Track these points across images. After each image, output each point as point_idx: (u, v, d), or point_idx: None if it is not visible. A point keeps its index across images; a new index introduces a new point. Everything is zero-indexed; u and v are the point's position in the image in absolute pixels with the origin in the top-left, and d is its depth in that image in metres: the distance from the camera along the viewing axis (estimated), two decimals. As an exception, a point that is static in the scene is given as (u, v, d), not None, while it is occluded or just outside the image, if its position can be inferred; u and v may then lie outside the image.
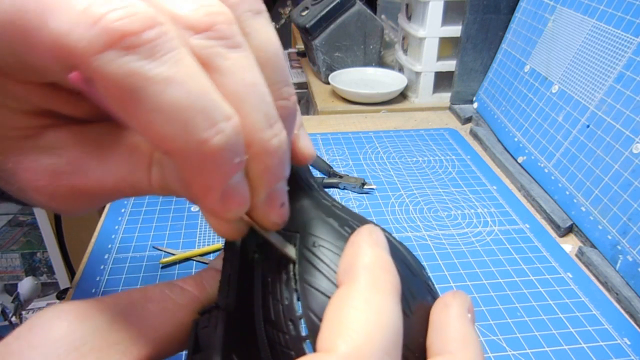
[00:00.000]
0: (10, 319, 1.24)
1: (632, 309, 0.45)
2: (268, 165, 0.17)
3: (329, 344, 0.14)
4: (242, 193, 0.17)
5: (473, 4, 0.79)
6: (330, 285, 0.17)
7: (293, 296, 0.17)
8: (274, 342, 0.17)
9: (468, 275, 0.50)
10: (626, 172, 0.50)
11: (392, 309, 0.16)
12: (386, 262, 0.17)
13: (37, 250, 1.51)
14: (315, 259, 0.18)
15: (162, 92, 0.14)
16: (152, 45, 0.14)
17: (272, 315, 0.18)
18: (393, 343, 0.15)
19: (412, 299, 0.18)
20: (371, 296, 0.15)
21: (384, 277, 0.16)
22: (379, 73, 0.99)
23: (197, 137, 0.15)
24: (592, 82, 0.58)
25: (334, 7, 0.95)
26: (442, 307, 0.19)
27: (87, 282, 0.49)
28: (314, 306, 0.17)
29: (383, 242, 0.17)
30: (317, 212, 0.20)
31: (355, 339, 0.14)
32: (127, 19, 0.14)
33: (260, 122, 0.17)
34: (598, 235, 0.52)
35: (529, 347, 0.42)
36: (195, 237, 0.56)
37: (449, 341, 0.18)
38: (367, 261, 0.16)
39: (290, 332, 0.17)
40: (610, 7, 0.58)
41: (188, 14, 0.16)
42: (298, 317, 0.17)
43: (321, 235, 0.19)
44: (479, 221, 0.59)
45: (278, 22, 1.85)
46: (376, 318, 0.15)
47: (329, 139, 0.78)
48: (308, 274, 0.17)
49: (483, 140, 0.76)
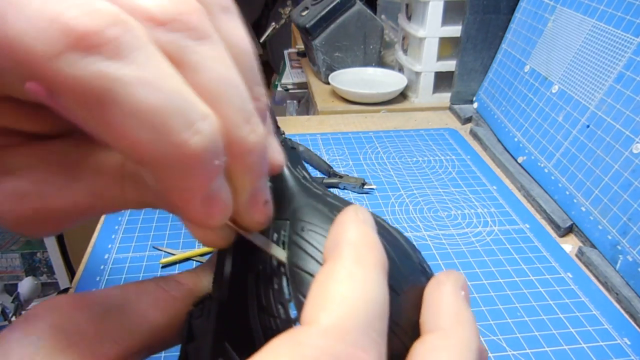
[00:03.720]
0: (10, 319, 1.24)
1: (632, 309, 0.45)
2: (249, 164, 0.16)
3: (310, 318, 0.14)
4: (225, 197, 0.16)
5: (473, 4, 0.79)
6: (318, 266, 0.17)
7: (282, 281, 0.17)
8: (266, 327, 0.17)
9: (468, 275, 0.50)
10: (626, 172, 0.50)
11: (377, 283, 0.15)
12: (371, 238, 0.16)
13: (37, 250, 1.51)
14: (304, 242, 0.18)
15: (133, 95, 0.13)
16: (117, 43, 0.13)
17: (264, 301, 0.18)
18: (378, 317, 0.15)
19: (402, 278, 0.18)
20: (355, 270, 0.15)
21: (369, 252, 0.16)
22: (379, 73, 0.99)
23: (174, 139, 0.14)
24: (592, 82, 0.58)
25: (334, 7, 0.95)
26: (436, 285, 0.19)
27: (87, 282, 0.49)
28: (302, 288, 0.17)
29: (369, 220, 0.17)
30: (307, 200, 0.20)
31: (337, 311, 0.14)
32: (86, 16, 0.13)
33: (238, 118, 0.16)
34: (598, 235, 0.52)
35: (529, 347, 0.42)
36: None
37: (441, 318, 0.17)
38: (351, 237, 0.16)
39: (281, 315, 0.17)
40: (610, 7, 0.58)
41: (150, 5, 0.15)
42: (287, 300, 0.17)
43: (310, 220, 0.19)
44: (479, 221, 0.59)
45: (278, 22, 1.85)
46: (360, 291, 0.15)
47: (329, 139, 0.78)
48: (297, 257, 0.18)
49: (483, 140, 0.76)
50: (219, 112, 0.15)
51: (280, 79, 1.34)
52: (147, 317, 0.19)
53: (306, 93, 1.24)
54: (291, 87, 1.30)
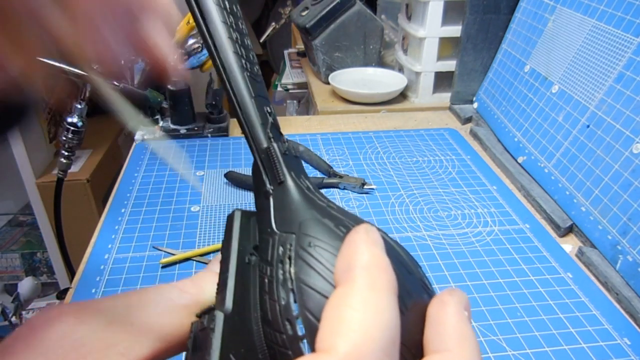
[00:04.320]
0: (10, 319, 1.24)
1: (632, 309, 0.45)
2: None
3: (328, 344, 0.14)
4: None
5: (473, 4, 0.79)
6: (326, 284, 0.17)
7: (290, 296, 0.17)
8: (271, 342, 0.17)
9: (468, 275, 0.50)
10: (626, 172, 0.50)
11: (390, 308, 0.16)
12: (383, 262, 0.17)
13: (37, 250, 1.51)
14: (311, 258, 0.18)
15: None
16: None
17: (269, 315, 0.18)
18: (391, 342, 0.15)
19: (407, 296, 0.18)
20: (369, 296, 0.15)
21: (382, 276, 0.16)
22: (379, 73, 0.99)
23: None
24: (592, 82, 0.58)
25: (334, 7, 0.95)
26: (440, 304, 0.19)
27: (87, 282, 0.49)
28: (310, 306, 0.17)
29: (379, 242, 0.17)
30: (312, 213, 0.20)
31: (354, 338, 0.14)
32: None
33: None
34: (598, 235, 0.52)
35: (529, 347, 0.42)
36: (195, 237, 0.56)
37: (446, 338, 0.18)
38: (364, 261, 0.16)
39: (287, 331, 0.17)
40: (610, 7, 0.58)
41: None
42: (295, 317, 0.17)
43: (317, 236, 0.19)
44: (479, 221, 0.59)
45: (278, 22, 1.85)
46: (374, 317, 0.15)
47: (329, 139, 0.78)
48: (304, 273, 0.18)
49: (483, 140, 0.76)
50: None
51: (280, 79, 1.34)
52: (152, 326, 0.20)
53: (306, 93, 1.24)
54: (291, 87, 1.30)
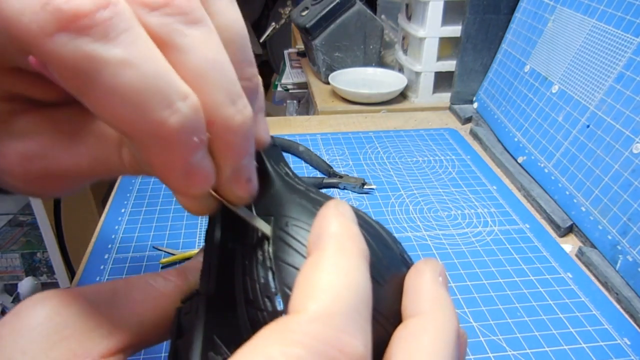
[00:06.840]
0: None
1: (632, 309, 0.45)
2: (231, 142, 0.17)
3: (298, 306, 0.15)
4: (206, 170, 0.17)
5: (473, 4, 0.79)
6: (302, 260, 0.18)
7: (269, 274, 0.18)
8: (254, 321, 0.18)
9: (468, 275, 0.50)
10: (626, 172, 0.50)
11: (360, 271, 0.16)
12: (352, 230, 0.17)
13: (37, 250, 1.51)
14: (289, 237, 0.18)
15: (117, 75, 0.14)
16: (106, 26, 0.14)
17: (250, 295, 0.18)
18: (362, 303, 0.15)
19: (384, 268, 0.19)
20: (338, 260, 0.16)
21: (351, 243, 0.17)
22: (379, 73, 0.99)
23: (153, 118, 0.15)
24: (592, 82, 0.58)
25: (334, 7, 0.95)
26: (415, 273, 0.19)
27: (87, 282, 0.49)
28: (288, 281, 0.17)
29: (349, 213, 0.18)
30: (291, 196, 0.21)
31: (324, 298, 0.14)
32: None
33: (222, 99, 0.16)
34: (598, 235, 0.52)
35: (529, 347, 0.42)
36: (195, 237, 0.56)
37: (421, 303, 0.18)
38: (333, 230, 0.17)
39: (267, 308, 0.17)
40: (610, 7, 0.58)
41: None
42: (274, 293, 0.17)
43: (294, 215, 0.19)
44: (479, 221, 0.59)
45: (278, 22, 1.85)
46: (344, 279, 0.15)
47: (329, 139, 0.78)
48: (282, 251, 0.18)
49: (483, 140, 0.76)
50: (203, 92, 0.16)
51: (280, 79, 1.34)
52: (135, 312, 0.20)
53: (306, 93, 1.24)
54: (291, 87, 1.30)
